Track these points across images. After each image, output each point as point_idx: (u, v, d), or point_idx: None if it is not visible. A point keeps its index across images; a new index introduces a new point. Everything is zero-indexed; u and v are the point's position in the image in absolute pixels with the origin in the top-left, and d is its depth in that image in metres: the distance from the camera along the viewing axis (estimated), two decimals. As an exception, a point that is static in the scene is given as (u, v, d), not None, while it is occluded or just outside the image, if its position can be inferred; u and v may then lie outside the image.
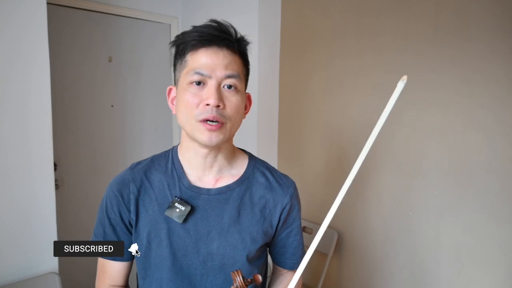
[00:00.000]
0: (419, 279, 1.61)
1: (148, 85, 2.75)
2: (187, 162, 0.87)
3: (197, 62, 0.76)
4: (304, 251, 0.96)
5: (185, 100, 0.77)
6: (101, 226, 0.88)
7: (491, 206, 1.41)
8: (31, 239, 1.70)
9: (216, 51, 0.76)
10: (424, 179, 1.62)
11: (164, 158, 0.91)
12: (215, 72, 0.76)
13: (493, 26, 1.36)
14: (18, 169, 1.66)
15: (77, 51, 2.42)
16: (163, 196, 0.85)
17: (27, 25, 1.63)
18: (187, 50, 0.79)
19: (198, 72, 0.76)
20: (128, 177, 0.87)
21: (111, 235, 0.87)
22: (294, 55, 2.29)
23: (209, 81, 0.76)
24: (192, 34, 0.77)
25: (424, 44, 1.55)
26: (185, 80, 0.78)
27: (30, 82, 1.66)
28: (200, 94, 0.76)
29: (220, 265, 0.83)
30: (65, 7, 2.33)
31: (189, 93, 0.77)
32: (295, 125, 2.29)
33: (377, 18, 1.74)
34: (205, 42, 0.76)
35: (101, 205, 0.89)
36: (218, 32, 0.77)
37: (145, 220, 0.85)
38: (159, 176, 0.87)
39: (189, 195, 0.85)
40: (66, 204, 2.26)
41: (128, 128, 2.71)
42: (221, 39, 0.76)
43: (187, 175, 0.87)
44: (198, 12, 2.70)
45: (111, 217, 0.87)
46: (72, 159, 2.43)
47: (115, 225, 0.87)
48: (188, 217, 0.83)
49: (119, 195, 0.85)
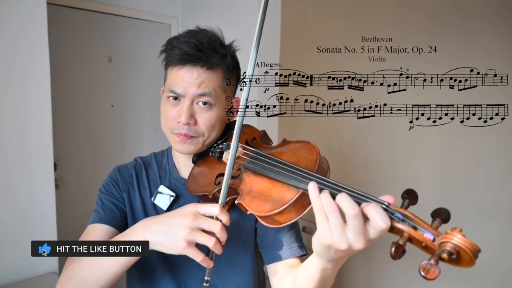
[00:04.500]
0: (419, 278, 1.61)
1: (148, 85, 2.75)
2: (176, 158, 0.96)
3: (173, 79, 0.82)
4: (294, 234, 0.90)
5: (164, 113, 0.85)
6: (99, 200, 0.92)
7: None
8: (31, 239, 1.70)
9: (189, 69, 0.80)
10: (424, 179, 1.62)
11: (161, 155, 1.01)
12: (188, 91, 0.80)
13: (495, 21, 1.36)
14: (18, 169, 1.66)
15: (77, 51, 2.42)
16: (155, 186, 0.92)
17: (27, 25, 1.63)
18: (168, 64, 0.84)
19: (172, 91, 0.81)
20: (132, 164, 0.97)
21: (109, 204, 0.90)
22: (294, 55, 2.29)
23: (182, 99, 0.82)
24: (174, 50, 0.81)
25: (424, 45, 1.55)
26: (165, 94, 0.84)
27: (30, 82, 1.66)
28: (175, 110, 0.82)
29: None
30: (65, 7, 2.33)
31: (167, 106, 0.84)
32: (294, 126, 2.29)
33: (378, 19, 1.74)
34: (181, 61, 0.80)
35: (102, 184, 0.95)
36: (195, 50, 0.79)
37: (139, 203, 0.91)
38: (155, 169, 0.96)
39: (176, 186, 0.92)
40: (66, 204, 2.26)
41: (128, 128, 2.71)
42: (196, 58, 0.79)
43: (178, 169, 0.95)
44: (198, 12, 2.70)
45: (109, 190, 0.92)
46: (72, 159, 2.43)
47: (113, 196, 0.91)
48: (173, 206, 0.88)
49: (119, 174, 0.94)
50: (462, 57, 1.44)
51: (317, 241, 0.54)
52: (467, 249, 0.45)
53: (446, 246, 0.46)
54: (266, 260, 0.87)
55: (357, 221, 0.49)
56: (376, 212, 0.48)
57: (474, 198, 1.46)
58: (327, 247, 0.52)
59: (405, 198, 0.51)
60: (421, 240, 0.48)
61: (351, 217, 0.49)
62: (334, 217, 0.50)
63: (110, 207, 0.89)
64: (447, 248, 0.45)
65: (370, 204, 0.49)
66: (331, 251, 0.52)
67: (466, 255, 0.45)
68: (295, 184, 0.61)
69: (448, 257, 0.45)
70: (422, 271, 0.47)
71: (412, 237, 0.49)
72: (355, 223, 0.49)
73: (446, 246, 0.46)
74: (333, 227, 0.50)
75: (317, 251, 0.56)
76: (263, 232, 0.88)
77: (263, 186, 0.67)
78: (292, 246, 0.84)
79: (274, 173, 0.65)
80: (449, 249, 0.45)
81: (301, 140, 0.76)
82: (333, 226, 0.50)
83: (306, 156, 0.68)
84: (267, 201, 0.64)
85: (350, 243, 0.50)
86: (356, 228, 0.49)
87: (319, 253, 0.56)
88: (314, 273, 0.62)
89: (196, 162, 0.89)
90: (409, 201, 0.51)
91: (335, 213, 0.50)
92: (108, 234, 0.85)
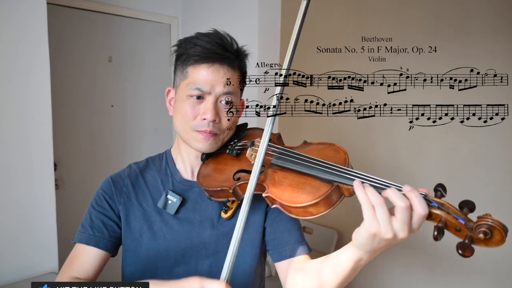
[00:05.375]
0: (419, 278, 1.61)
1: (148, 85, 2.75)
2: (180, 159, 0.93)
3: (198, 77, 0.81)
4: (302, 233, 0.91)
5: (184, 111, 0.83)
6: (89, 215, 0.89)
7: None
8: (31, 239, 1.70)
9: (217, 68, 0.81)
10: (424, 179, 1.62)
11: (158, 158, 0.97)
12: (215, 88, 0.81)
13: (495, 21, 1.36)
14: (18, 169, 1.66)
15: (77, 51, 2.42)
16: (157, 191, 0.90)
17: (27, 25, 1.63)
18: (189, 62, 0.83)
19: (198, 88, 0.81)
20: (125, 173, 0.93)
21: (98, 223, 0.87)
22: (294, 55, 2.29)
23: (207, 96, 0.82)
24: (195, 49, 0.81)
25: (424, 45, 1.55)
26: (185, 92, 0.83)
27: (30, 82, 1.66)
28: (198, 107, 0.82)
29: (213, 253, 0.85)
30: (65, 7, 2.33)
31: (188, 105, 0.82)
32: (294, 126, 2.29)
33: (378, 19, 1.74)
34: (208, 60, 0.81)
35: (93, 196, 0.91)
36: (221, 50, 0.81)
37: (138, 213, 0.88)
38: (153, 174, 0.93)
39: (181, 189, 0.90)
40: (66, 204, 2.26)
41: (128, 128, 2.71)
42: (223, 58, 0.81)
43: (179, 171, 0.93)
44: (198, 12, 2.70)
45: (100, 204, 0.88)
46: (72, 159, 2.43)
47: (104, 213, 0.88)
48: (180, 209, 0.87)
49: (112, 185, 0.90)
50: (462, 57, 1.44)
51: (363, 231, 0.57)
52: (500, 229, 0.51)
53: (482, 227, 0.51)
54: (277, 257, 0.86)
55: (407, 212, 0.54)
56: (418, 201, 0.54)
57: (474, 198, 1.46)
58: (373, 236, 0.56)
59: (437, 190, 0.58)
60: (456, 224, 0.54)
61: (401, 209, 0.54)
62: (382, 209, 0.56)
63: (98, 226, 0.86)
64: (483, 229, 0.51)
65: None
66: (376, 240, 0.57)
67: (498, 235, 0.51)
68: (330, 178, 0.65)
69: (484, 237, 0.51)
70: (460, 249, 0.52)
71: (448, 222, 0.54)
72: (404, 214, 0.54)
73: (482, 227, 0.51)
74: (380, 218, 0.55)
75: (360, 241, 0.59)
76: (274, 230, 0.88)
77: (294, 180, 0.71)
78: (303, 243, 0.86)
79: (306, 168, 0.69)
80: (484, 229, 0.51)
81: (324, 142, 0.81)
82: (381, 217, 0.55)
83: (333, 155, 0.73)
84: (301, 193, 0.67)
85: (395, 231, 0.55)
86: (404, 218, 0.54)
87: (361, 243, 0.59)
88: (346, 265, 0.64)
89: (205, 160, 0.90)
90: (441, 193, 0.58)
91: (383, 206, 0.56)
92: (97, 258, 0.85)
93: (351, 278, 0.68)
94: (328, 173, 0.66)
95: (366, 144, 1.83)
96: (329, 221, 2.09)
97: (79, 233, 0.87)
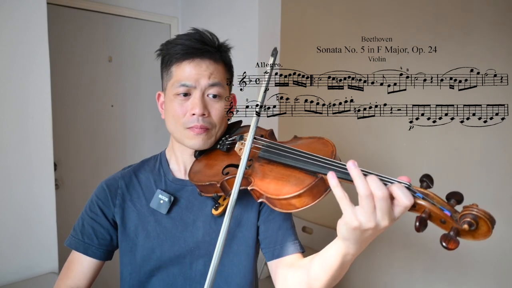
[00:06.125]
0: (419, 278, 1.61)
1: (148, 85, 2.74)
2: (174, 159, 0.93)
3: (182, 74, 0.83)
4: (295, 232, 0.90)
5: (173, 110, 0.84)
6: (81, 220, 0.90)
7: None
8: (31, 239, 1.70)
9: (198, 62, 0.82)
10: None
11: (153, 159, 0.98)
12: (199, 82, 0.82)
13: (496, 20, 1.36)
14: (18, 169, 1.66)
15: (77, 51, 2.42)
16: (150, 191, 0.90)
17: (27, 25, 1.63)
18: (172, 62, 0.85)
19: (183, 84, 0.82)
20: (119, 175, 0.93)
21: (88, 229, 0.88)
22: (294, 55, 2.29)
23: (193, 91, 0.83)
24: (176, 48, 0.83)
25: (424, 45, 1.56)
26: (172, 91, 0.84)
27: (30, 82, 1.66)
28: (186, 104, 0.83)
29: (207, 252, 0.85)
30: (65, 7, 2.33)
31: (176, 104, 0.84)
32: (294, 126, 2.29)
33: (378, 19, 1.74)
34: (188, 55, 0.82)
35: (87, 201, 0.92)
36: (200, 44, 0.83)
37: (132, 214, 0.88)
38: (147, 174, 0.93)
39: (174, 188, 0.90)
40: (66, 204, 2.26)
41: (128, 128, 2.71)
42: (203, 51, 0.83)
43: (173, 170, 0.93)
44: (198, 12, 2.70)
45: (93, 210, 0.89)
46: (72, 159, 2.43)
47: (96, 219, 0.89)
48: (172, 208, 0.87)
49: (107, 189, 0.90)
50: (462, 57, 1.44)
51: (343, 224, 0.57)
52: (486, 219, 0.48)
53: (466, 217, 0.48)
54: (270, 256, 0.86)
55: (386, 202, 0.52)
56: (401, 191, 0.52)
57: (474, 198, 1.46)
58: (353, 229, 0.55)
59: (423, 181, 0.56)
60: (441, 215, 0.52)
61: (380, 198, 0.52)
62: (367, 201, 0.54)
63: (88, 233, 0.88)
64: (468, 219, 0.48)
65: (394, 185, 0.53)
66: (357, 231, 0.55)
67: (484, 226, 0.48)
68: (314, 170, 0.64)
69: (468, 228, 0.48)
70: (444, 241, 0.49)
71: (433, 213, 0.52)
72: (383, 204, 0.52)
73: (466, 217, 0.48)
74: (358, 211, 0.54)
75: (344, 234, 0.58)
76: (267, 228, 0.88)
77: (279, 172, 0.69)
78: (295, 242, 0.86)
79: (291, 160, 0.68)
80: (469, 220, 0.48)
81: (313, 136, 0.79)
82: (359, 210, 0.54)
83: (321, 148, 0.72)
84: (284, 185, 0.65)
85: (377, 221, 0.53)
86: (384, 208, 0.52)
87: (345, 236, 0.58)
88: (333, 260, 0.63)
89: (198, 157, 0.90)
90: (427, 184, 0.56)
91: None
92: (89, 267, 0.88)
93: (340, 275, 0.67)
94: (312, 164, 0.64)
95: (366, 144, 1.83)
96: (329, 221, 2.09)
97: (71, 236, 0.89)
